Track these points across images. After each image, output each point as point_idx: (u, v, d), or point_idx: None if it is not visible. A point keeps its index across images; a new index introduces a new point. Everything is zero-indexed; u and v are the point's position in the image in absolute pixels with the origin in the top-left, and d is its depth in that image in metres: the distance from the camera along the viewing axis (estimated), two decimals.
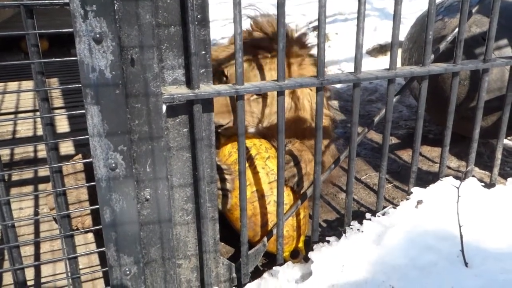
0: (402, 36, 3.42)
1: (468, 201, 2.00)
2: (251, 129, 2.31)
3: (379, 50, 6.00)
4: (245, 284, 1.88)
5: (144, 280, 1.57)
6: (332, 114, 2.43)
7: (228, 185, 2.02)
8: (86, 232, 2.26)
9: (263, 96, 2.27)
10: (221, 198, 2.03)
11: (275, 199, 2.04)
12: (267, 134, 2.30)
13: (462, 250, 1.77)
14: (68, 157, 2.89)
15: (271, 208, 2.04)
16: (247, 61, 2.22)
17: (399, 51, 3.05)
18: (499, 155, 2.29)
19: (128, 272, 1.53)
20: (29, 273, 1.97)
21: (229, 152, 2.19)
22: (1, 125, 3.61)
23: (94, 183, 1.41)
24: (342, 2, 7.61)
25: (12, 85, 4.71)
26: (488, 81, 2.26)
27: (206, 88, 1.56)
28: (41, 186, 2.69)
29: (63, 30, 1.34)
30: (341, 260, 1.82)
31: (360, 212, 2.57)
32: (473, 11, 2.23)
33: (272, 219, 2.05)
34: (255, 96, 2.27)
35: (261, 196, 2.05)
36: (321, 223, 2.52)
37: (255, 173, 2.06)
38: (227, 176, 2.02)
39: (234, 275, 1.87)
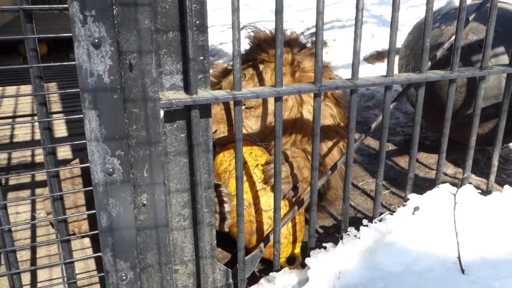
0: (400, 43, 3.44)
1: (465, 208, 2.00)
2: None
3: (377, 56, 6.03)
4: None
5: (140, 285, 1.56)
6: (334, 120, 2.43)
7: (227, 207, 2.01)
8: (83, 237, 2.25)
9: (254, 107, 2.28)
10: (219, 220, 2.01)
11: (262, 207, 2.04)
12: (263, 139, 2.30)
13: (459, 257, 1.78)
14: (66, 162, 2.89)
15: (259, 216, 2.04)
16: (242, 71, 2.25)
17: (396, 58, 3.06)
18: (495, 162, 2.30)
19: (124, 278, 1.53)
20: (26, 278, 1.96)
21: (220, 161, 2.19)
22: None
23: (91, 188, 1.41)
24: (340, 9, 7.66)
25: (11, 90, 4.71)
26: (485, 88, 2.27)
27: (204, 93, 1.56)
28: (38, 191, 2.69)
29: (62, 34, 1.34)
30: (338, 267, 1.82)
31: (357, 218, 2.57)
32: (470, 18, 2.24)
33: (260, 227, 2.05)
34: (243, 107, 2.28)
35: (249, 205, 2.05)
36: (318, 229, 2.52)
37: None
38: (225, 199, 2.01)
39: (230, 281, 1.87)
